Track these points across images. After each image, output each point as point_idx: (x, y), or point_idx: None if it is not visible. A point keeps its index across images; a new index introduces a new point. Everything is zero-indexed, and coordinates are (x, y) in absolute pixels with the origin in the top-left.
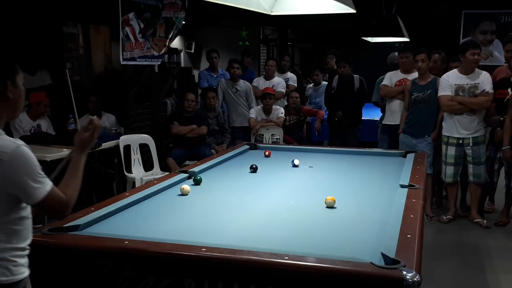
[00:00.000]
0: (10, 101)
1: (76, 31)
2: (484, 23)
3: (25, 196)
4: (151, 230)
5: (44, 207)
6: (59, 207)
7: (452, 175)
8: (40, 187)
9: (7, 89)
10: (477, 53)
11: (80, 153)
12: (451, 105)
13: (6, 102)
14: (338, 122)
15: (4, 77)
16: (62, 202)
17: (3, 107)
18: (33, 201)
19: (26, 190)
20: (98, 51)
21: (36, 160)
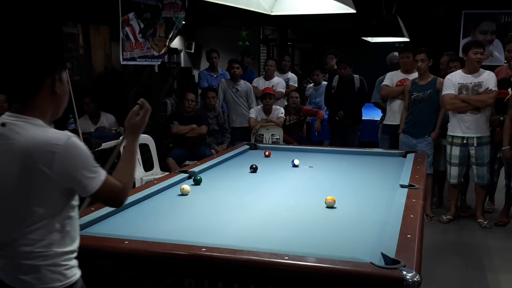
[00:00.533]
0: (57, 96)
1: (76, 31)
2: (484, 23)
3: (81, 188)
4: (151, 230)
5: (100, 197)
6: (115, 195)
7: (457, 176)
8: (95, 177)
9: (55, 84)
10: (479, 52)
11: (133, 138)
12: (454, 103)
13: (53, 97)
14: (338, 122)
15: (53, 71)
16: (118, 190)
17: (50, 103)
18: (89, 192)
19: (82, 181)
20: (98, 51)
21: (88, 150)
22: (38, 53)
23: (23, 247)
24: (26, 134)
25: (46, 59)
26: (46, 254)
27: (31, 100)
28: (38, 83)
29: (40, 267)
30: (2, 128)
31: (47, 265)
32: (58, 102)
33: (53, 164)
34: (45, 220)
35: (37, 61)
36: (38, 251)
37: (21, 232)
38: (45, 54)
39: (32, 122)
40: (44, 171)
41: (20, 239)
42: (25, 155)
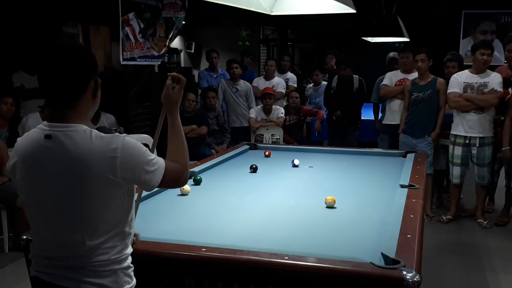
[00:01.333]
0: (96, 100)
1: (76, 31)
2: (484, 23)
3: (145, 184)
4: (151, 230)
5: (165, 184)
6: (177, 178)
7: (459, 176)
8: (156, 169)
9: (97, 88)
10: (486, 54)
11: (173, 114)
12: (458, 102)
13: (93, 101)
14: (336, 122)
15: (95, 75)
16: (179, 171)
17: (90, 106)
18: (154, 186)
19: (146, 178)
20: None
21: (141, 144)
22: (85, 55)
23: (99, 256)
24: (80, 145)
25: (92, 62)
26: (121, 259)
27: (74, 104)
28: (84, 85)
29: (116, 271)
30: (49, 141)
31: (121, 269)
32: (95, 105)
33: (117, 169)
34: (118, 227)
35: (85, 63)
36: (114, 258)
37: (95, 243)
38: (90, 56)
39: (80, 129)
40: (110, 179)
41: (95, 250)
42: (85, 165)
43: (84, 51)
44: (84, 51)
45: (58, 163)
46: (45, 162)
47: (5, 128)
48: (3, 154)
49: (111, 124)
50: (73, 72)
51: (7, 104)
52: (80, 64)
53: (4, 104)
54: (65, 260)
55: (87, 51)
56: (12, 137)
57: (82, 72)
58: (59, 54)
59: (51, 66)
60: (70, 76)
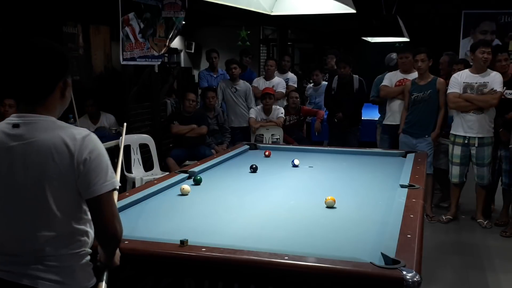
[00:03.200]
0: (65, 99)
1: (76, 31)
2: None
3: (87, 187)
4: (151, 230)
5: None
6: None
7: (458, 175)
8: (107, 182)
9: (66, 87)
10: (486, 52)
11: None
12: (457, 102)
13: (62, 99)
14: (337, 123)
15: (65, 75)
16: (116, 217)
17: (58, 104)
18: (93, 193)
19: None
20: (98, 51)
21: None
22: (56, 55)
23: (55, 251)
24: (47, 131)
25: (63, 62)
26: (79, 255)
27: (42, 101)
28: (53, 84)
29: (73, 268)
30: (17, 130)
31: (79, 266)
32: (64, 105)
33: (77, 158)
34: (74, 222)
35: (54, 63)
36: (71, 254)
37: (51, 236)
38: (62, 56)
39: (48, 119)
40: (68, 170)
41: (52, 244)
42: (49, 152)
43: (55, 51)
44: (55, 51)
45: (24, 150)
46: (10, 151)
47: None
48: None
49: (111, 124)
50: (41, 71)
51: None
52: (49, 64)
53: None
54: (21, 256)
55: (58, 51)
56: None
57: (51, 71)
58: (29, 53)
59: (20, 64)
60: (38, 74)
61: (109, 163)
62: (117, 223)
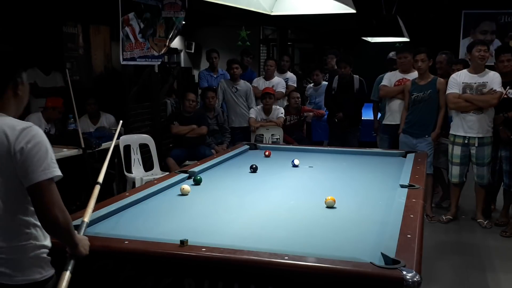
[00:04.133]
0: (19, 97)
1: (76, 31)
2: (484, 23)
3: (25, 175)
4: (151, 230)
5: (35, 193)
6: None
7: (458, 175)
8: (44, 170)
9: (17, 87)
10: (482, 49)
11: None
12: (457, 102)
13: (16, 98)
14: (337, 124)
15: (15, 76)
16: (55, 203)
17: (14, 103)
18: (30, 181)
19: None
20: (98, 51)
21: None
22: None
23: (2, 242)
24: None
25: (7, 65)
26: (26, 247)
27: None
28: (1, 88)
29: (21, 260)
30: None
31: (28, 258)
32: (20, 102)
33: (14, 147)
34: (17, 212)
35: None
36: (19, 245)
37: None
38: (6, 59)
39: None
40: (7, 155)
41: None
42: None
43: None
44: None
45: None
46: None
47: None
48: None
49: (111, 124)
50: None
51: None
52: None
53: None
54: None
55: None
56: None
57: None
58: None
59: None
60: None
61: (50, 154)
62: (58, 211)
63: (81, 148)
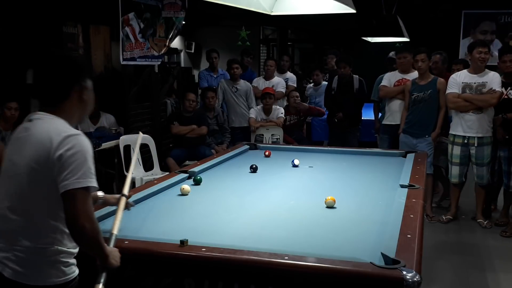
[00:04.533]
0: (84, 103)
1: (76, 31)
2: (484, 23)
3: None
4: (151, 230)
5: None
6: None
7: (458, 175)
8: (79, 179)
9: (83, 92)
10: (483, 52)
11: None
12: (457, 102)
13: (81, 103)
14: (337, 124)
15: (81, 80)
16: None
17: (77, 109)
18: (63, 188)
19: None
20: (98, 51)
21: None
22: (68, 62)
23: (26, 241)
24: (43, 126)
25: (75, 68)
26: (47, 251)
27: (60, 104)
28: (67, 90)
29: (39, 263)
30: (29, 124)
31: (47, 262)
32: (84, 107)
33: (54, 152)
34: (45, 215)
35: (66, 70)
36: (40, 247)
37: (26, 224)
38: (74, 63)
39: (53, 118)
40: (47, 160)
41: (22, 231)
42: (36, 144)
43: (64, 60)
44: (64, 60)
45: (24, 141)
46: (19, 140)
47: (9, 131)
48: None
49: (111, 124)
50: (51, 78)
51: (11, 109)
52: (59, 72)
53: (8, 109)
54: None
55: (68, 60)
56: None
57: (61, 79)
58: (42, 63)
59: (37, 72)
60: (49, 81)
61: (89, 164)
62: (86, 220)
63: None
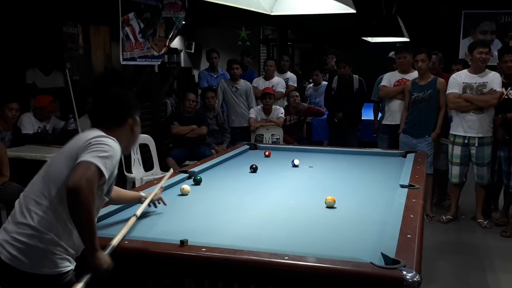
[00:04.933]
0: (133, 134)
1: (76, 31)
2: (484, 23)
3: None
4: (151, 230)
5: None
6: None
7: (458, 175)
8: (92, 154)
9: (135, 124)
10: (484, 52)
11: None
12: (457, 102)
13: (131, 134)
14: (337, 124)
15: (135, 114)
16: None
17: (126, 137)
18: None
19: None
20: (98, 51)
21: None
22: (129, 96)
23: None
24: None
25: (134, 103)
26: (44, 236)
27: (114, 129)
28: (124, 118)
29: (35, 250)
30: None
31: (42, 250)
32: (132, 138)
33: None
34: (59, 203)
35: (128, 102)
36: (39, 229)
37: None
38: (134, 98)
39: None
40: (75, 152)
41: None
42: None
43: (127, 94)
44: (127, 94)
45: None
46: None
47: (9, 131)
48: (2, 155)
49: None
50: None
51: (12, 110)
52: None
53: (9, 110)
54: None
55: (130, 95)
56: (16, 139)
57: (122, 109)
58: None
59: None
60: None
61: (109, 159)
62: (85, 187)
63: None
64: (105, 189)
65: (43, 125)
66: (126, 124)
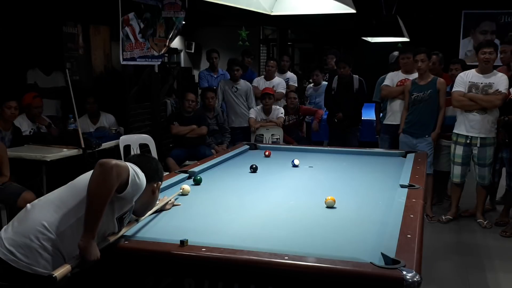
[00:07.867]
0: (153, 196)
1: (76, 31)
2: (484, 23)
3: None
4: (151, 230)
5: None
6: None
7: (460, 175)
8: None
9: (157, 188)
10: (487, 52)
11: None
12: (461, 101)
13: (151, 195)
14: (337, 124)
15: (159, 180)
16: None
17: (146, 197)
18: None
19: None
20: (98, 51)
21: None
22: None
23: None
24: None
25: (161, 170)
26: (47, 236)
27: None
28: (150, 179)
29: (33, 248)
30: None
31: (40, 248)
32: (150, 200)
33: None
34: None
35: (157, 167)
36: (44, 225)
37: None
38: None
39: None
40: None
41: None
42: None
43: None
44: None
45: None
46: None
47: (8, 131)
48: (2, 154)
49: (111, 124)
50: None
51: (11, 108)
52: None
53: (8, 108)
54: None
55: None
56: (15, 139)
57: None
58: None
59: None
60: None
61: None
62: (115, 164)
63: (81, 148)
64: (117, 213)
65: (35, 126)
66: (150, 185)
